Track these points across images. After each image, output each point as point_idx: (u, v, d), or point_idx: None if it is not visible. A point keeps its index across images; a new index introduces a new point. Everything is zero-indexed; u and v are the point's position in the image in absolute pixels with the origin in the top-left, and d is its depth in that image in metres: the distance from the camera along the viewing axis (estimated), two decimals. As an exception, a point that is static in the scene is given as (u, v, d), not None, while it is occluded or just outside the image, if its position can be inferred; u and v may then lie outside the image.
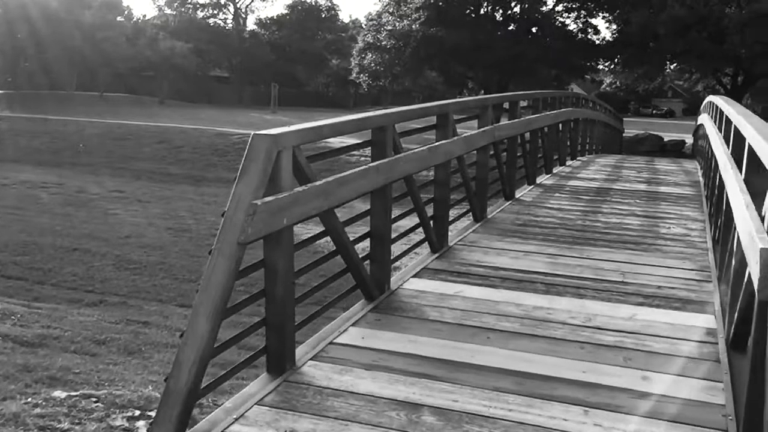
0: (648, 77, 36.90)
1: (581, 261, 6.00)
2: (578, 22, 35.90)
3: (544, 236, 6.88)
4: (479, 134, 7.11)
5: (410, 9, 32.90)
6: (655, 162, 15.74)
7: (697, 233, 7.24)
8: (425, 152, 5.51)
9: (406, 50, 32.47)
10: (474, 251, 6.26)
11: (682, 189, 10.36)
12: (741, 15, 28.31)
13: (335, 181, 3.99)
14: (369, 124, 4.72)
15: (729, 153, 5.33)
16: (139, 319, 9.59)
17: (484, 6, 35.01)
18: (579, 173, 11.94)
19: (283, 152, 3.54)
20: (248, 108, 51.61)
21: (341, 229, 4.35)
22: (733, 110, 5.47)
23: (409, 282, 5.30)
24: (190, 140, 27.89)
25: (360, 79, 36.76)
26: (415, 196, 5.66)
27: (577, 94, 15.49)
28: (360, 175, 4.33)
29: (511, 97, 8.88)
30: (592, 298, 5.06)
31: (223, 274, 3.18)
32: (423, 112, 5.78)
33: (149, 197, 20.45)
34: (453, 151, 6.20)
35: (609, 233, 7.12)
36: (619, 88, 67.53)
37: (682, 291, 5.24)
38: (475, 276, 5.48)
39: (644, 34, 31.24)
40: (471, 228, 7.14)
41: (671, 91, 74.68)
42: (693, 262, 6.09)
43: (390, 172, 4.79)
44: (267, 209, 3.32)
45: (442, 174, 6.21)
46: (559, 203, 8.77)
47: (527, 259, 6.03)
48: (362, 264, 4.70)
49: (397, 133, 5.11)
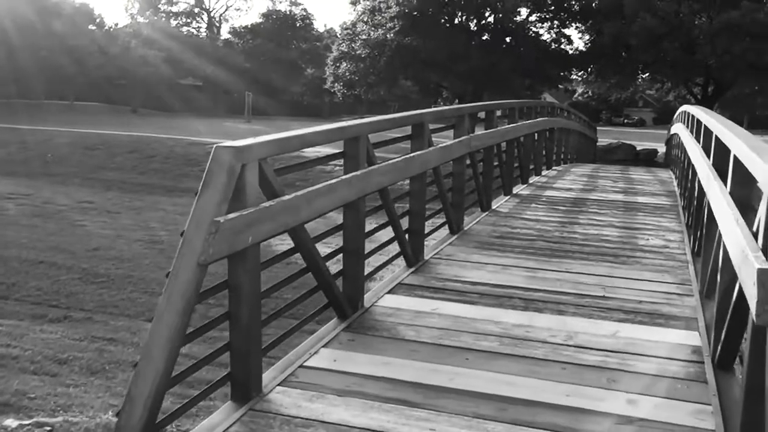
0: (620, 87, 37.18)
1: (560, 275, 5.84)
2: (552, 32, 36.06)
3: (522, 249, 6.72)
4: (456, 144, 6.94)
5: (385, 18, 32.77)
6: (630, 171, 15.72)
7: (676, 245, 7.12)
8: (400, 163, 5.32)
9: (381, 59, 32.33)
10: (451, 265, 6.07)
11: (658, 199, 10.29)
12: (711, 26, 28.60)
13: (305, 195, 3.78)
14: (341, 135, 4.52)
15: (711, 164, 5.21)
16: (104, 336, 9.25)
17: (458, 16, 35.02)
18: (555, 183, 11.84)
19: (248, 165, 3.33)
20: (222, 117, 51.17)
21: (312, 245, 4.13)
22: (714, 121, 5.35)
23: (384, 299, 5.10)
24: (163, 149, 27.48)
25: (335, 89, 36.54)
26: (389, 209, 5.46)
27: (552, 104, 15.45)
28: (331, 188, 4.12)
29: (487, 106, 8.73)
30: (573, 314, 4.89)
31: (181, 299, 2.95)
32: (398, 122, 5.59)
33: (119, 208, 20.03)
34: (429, 161, 6.02)
35: (587, 245, 6.98)
36: (591, 97, 68.30)
37: (664, 306, 5.10)
38: (452, 292, 5.29)
39: (616, 45, 31.45)
40: (448, 240, 6.95)
41: (642, 100, 75.68)
42: (673, 275, 5.96)
43: (363, 185, 4.59)
44: (230, 227, 3.10)
45: (418, 185, 6.03)
46: (537, 214, 8.63)
47: (505, 273, 5.86)
48: (334, 281, 4.48)
49: (370, 143, 4.92)
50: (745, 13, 27.12)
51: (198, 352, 6.09)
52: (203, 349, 5.42)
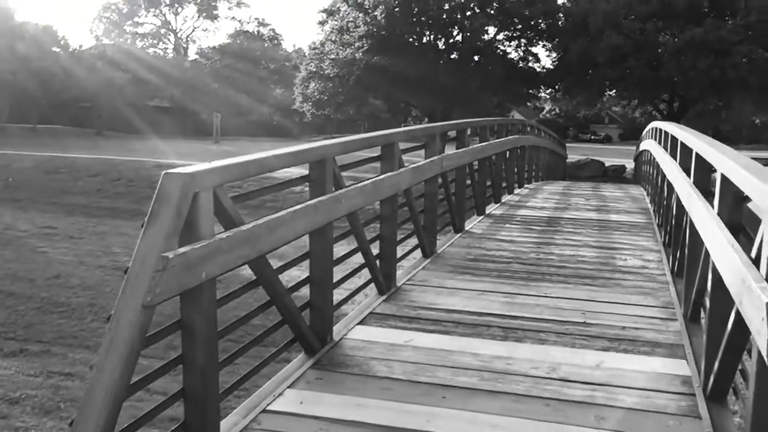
0: (588, 104, 37.49)
1: (539, 300, 5.59)
2: (519, 50, 36.33)
3: (498, 272, 6.46)
4: (427, 165, 6.69)
5: (353, 38, 32.71)
6: (602, 188, 15.64)
7: (655, 264, 6.93)
8: (369, 186, 5.05)
9: (350, 79, 32.22)
10: (425, 292, 5.79)
11: (632, 217, 10.14)
12: (675, 43, 28.98)
13: (266, 224, 3.48)
14: (305, 158, 4.23)
15: (692, 182, 5.01)
16: (62, 371, 8.79)
17: (426, 35, 35.09)
18: (528, 202, 11.66)
19: (202, 193, 3.02)
20: (191, 138, 50.48)
21: (275, 277, 3.82)
22: (694, 138, 5.17)
23: (355, 330, 4.79)
24: (128, 173, 26.88)
25: (304, 108, 36.31)
26: (359, 234, 5.18)
27: (523, 121, 15.34)
28: (296, 215, 3.82)
29: (458, 125, 8.51)
30: (554, 343, 4.63)
31: (124, 346, 2.63)
32: (367, 143, 5.31)
33: (82, 233, 19.44)
34: (400, 183, 5.76)
35: (565, 267, 6.75)
36: (558, 114, 68.97)
37: (648, 332, 4.86)
38: (426, 321, 5.01)
39: (583, 62, 31.72)
40: (420, 265, 6.68)
41: (608, 117, 76.66)
42: (654, 297, 5.74)
43: (330, 211, 4.30)
44: (181, 262, 2.79)
45: (389, 209, 5.75)
46: (511, 235, 8.40)
47: (482, 299, 5.59)
48: (300, 314, 4.17)
49: (337, 166, 4.63)
50: (708, 30, 27.52)
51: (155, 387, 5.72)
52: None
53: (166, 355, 5.98)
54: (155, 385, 3.88)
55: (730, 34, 27.34)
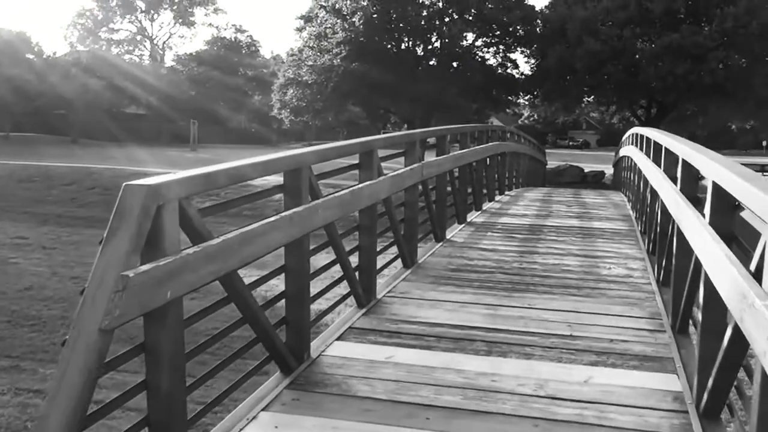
0: (566, 110, 37.61)
1: (523, 311, 5.42)
2: (498, 56, 36.36)
3: (480, 283, 6.29)
4: (407, 173, 6.51)
5: (331, 44, 32.52)
6: (582, 195, 15.57)
7: (639, 273, 6.80)
8: (347, 196, 4.85)
9: (328, 85, 32.02)
10: (406, 304, 5.60)
11: (614, 224, 10.04)
12: (653, 49, 29.13)
13: (236, 238, 3.27)
14: (280, 167, 4.03)
15: (679, 190, 4.88)
16: (30, 387, 8.47)
17: (405, 41, 35.02)
18: (509, 209, 11.52)
19: (166, 206, 2.82)
20: (167, 146, 49.99)
21: (247, 293, 3.61)
22: (681, 144, 5.04)
23: (333, 347, 4.59)
24: (103, 181, 26.42)
25: (282, 115, 36.03)
26: (337, 246, 4.98)
27: (503, 128, 15.24)
28: (270, 227, 3.61)
29: (438, 131, 8.35)
30: (541, 357, 4.46)
31: (79, 374, 2.41)
32: (344, 151, 5.13)
33: (55, 243, 19.02)
34: (379, 192, 5.57)
35: (549, 276, 6.60)
36: (536, 120, 69.30)
37: (636, 344, 4.71)
38: (408, 335, 4.82)
39: (562, 68, 31.80)
40: (401, 276, 6.49)
41: (585, 123, 77.24)
42: (641, 308, 5.60)
43: (306, 222, 4.10)
44: (143, 281, 2.58)
45: (367, 219, 5.56)
46: (493, 243, 8.24)
47: (464, 311, 5.41)
48: (275, 331, 3.96)
49: (314, 175, 4.44)
50: (685, 35, 27.70)
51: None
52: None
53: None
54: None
55: (707, 39, 27.54)
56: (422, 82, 31.95)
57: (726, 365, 3.18)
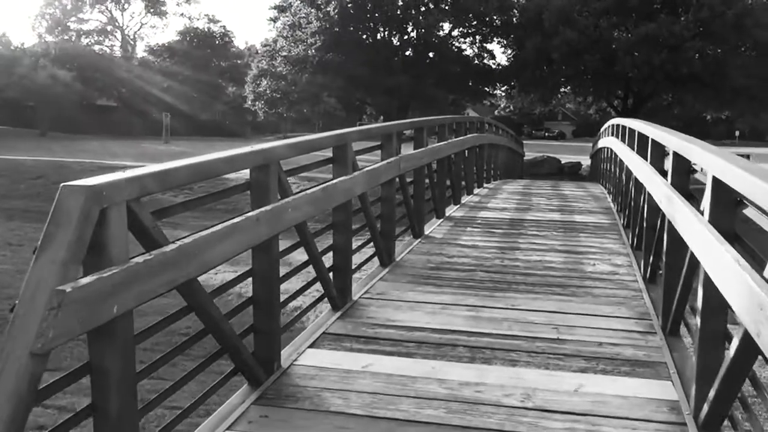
0: (543, 101, 37.48)
1: (507, 313, 5.15)
2: (474, 47, 36.11)
3: (461, 282, 6.02)
4: (384, 167, 6.20)
5: (305, 34, 32.01)
6: (561, 187, 15.37)
7: (625, 270, 6.57)
8: (320, 193, 4.54)
9: (302, 76, 31.53)
10: (383, 306, 5.30)
11: (596, 217, 9.82)
12: (629, 39, 29.06)
13: (196, 242, 2.95)
14: (245, 163, 3.70)
15: (671, 184, 4.63)
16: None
17: (380, 31, 34.61)
18: (488, 203, 11.27)
19: (112, 209, 2.49)
20: (140, 138, 49.12)
21: (209, 302, 3.29)
22: (672, 137, 4.78)
23: (306, 355, 4.28)
24: (72, 175, 25.59)
25: (256, 107, 35.47)
26: (309, 245, 4.67)
27: (481, 119, 14.98)
28: (234, 229, 3.30)
29: (416, 123, 8.04)
30: (527, 364, 4.19)
31: (8, 403, 2.09)
32: (317, 145, 4.80)
33: (21, 239, 18.43)
34: (354, 188, 5.26)
35: (531, 274, 6.34)
36: (513, 111, 69.31)
37: (626, 348, 4.47)
38: (386, 341, 4.53)
39: (538, 59, 31.64)
40: (378, 275, 6.19)
41: (561, 114, 77.51)
42: (629, 307, 5.36)
43: (275, 222, 3.78)
44: (83, 296, 2.26)
45: (342, 216, 5.25)
46: (473, 239, 7.97)
47: (445, 313, 5.14)
48: (241, 342, 3.64)
49: (283, 171, 4.12)
50: (661, 25, 27.64)
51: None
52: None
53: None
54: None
55: (683, 29, 27.50)
56: (398, 73, 31.61)
57: (731, 376, 2.94)
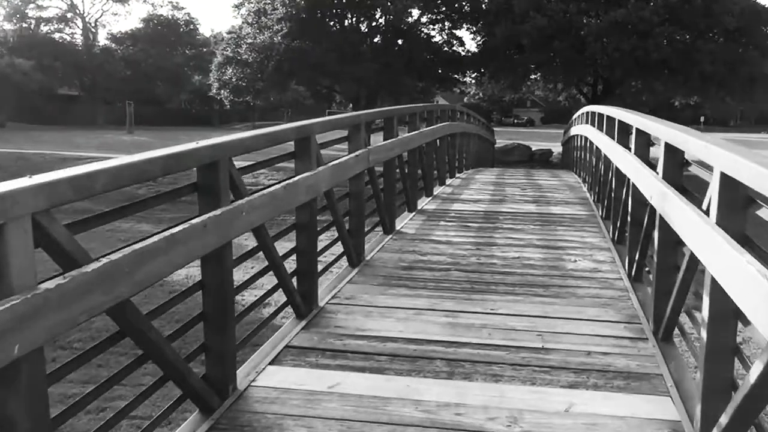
0: (513, 88, 37.22)
1: (486, 318, 4.76)
2: (443, 33, 35.65)
3: (436, 283, 5.61)
4: (352, 160, 5.75)
5: (271, 21, 31.24)
6: (534, 176, 15.05)
7: (608, 266, 6.22)
8: (279, 192, 4.08)
9: (269, 64, 30.77)
10: (353, 313, 4.87)
11: (573, 209, 9.48)
12: (599, 24, 28.85)
13: (125, 258, 2.49)
14: (189, 161, 3.23)
15: (662, 178, 4.26)
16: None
17: (348, 17, 33.97)
18: (461, 194, 10.88)
19: (10, 226, 2.01)
20: (103, 128, 47.93)
21: (146, 326, 2.83)
22: (665, 127, 4.40)
23: (266, 374, 3.83)
24: (30, 167, 24.84)
25: (221, 95, 34.65)
26: (269, 250, 4.21)
27: (452, 107, 14.57)
28: (175, 240, 2.83)
29: (386, 113, 7.59)
30: (511, 379, 3.79)
31: None
32: (275, 138, 4.32)
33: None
34: (318, 185, 4.81)
35: (511, 273, 5.95)
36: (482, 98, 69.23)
37: (618, 358, 4.09)
38: (356, 355, 4.09)
39: (508, 45, 31.32)
40: (347, 277, 5.75)
41: (530, 101, 77.74)
42: (616, 310, 5.00)
43: (226, 228, 3.33)
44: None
45: (306, 216, 4.79)
46: (447, 234, 7.57)
47: (420, 320, 4.72)
48: (187, 367, 3.19)
49: (236, 169, 3.65)
50: (631, 10, 27.46)
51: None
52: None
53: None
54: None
55: (652, 15, 27.34)
56: (366, 61, 31.04)
57: (752, 401, 2.56)
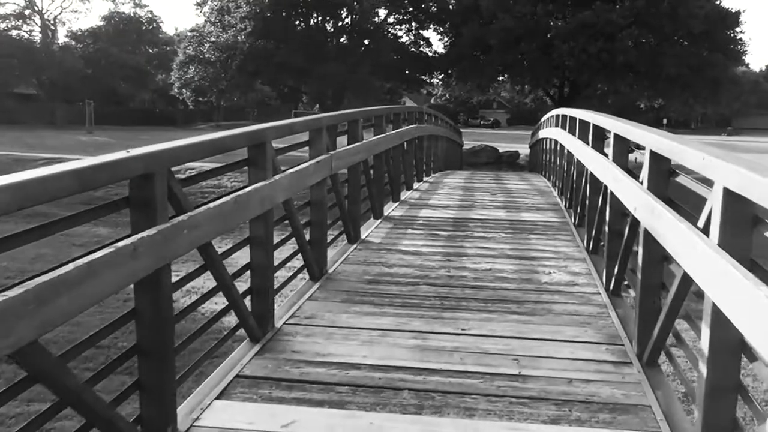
0: (480, 89, 37.08)
1: (458, 340, 4.38)
2: (410, 34, 35.37)
3: (403, 299, 5.22)
4: (313, 167, 5.34)
5: (234, 19, 30.59)
6: (504, 179, 14.76)
7: (584, 279, 5.89)
8: (229, 205, 3.65)
9: (232, 63, 30.11)
10: (312, 335, 4.46)
11: (545, 215, 9.18)
12: (566, 26, 28.79)
13: (31, 293, 2.05)
14: (120, 173, 2.78)
15: (648, 190, 3.93)
16: None
17: (313, 17, 33.46)
18: (429, 199, 10.51)
19: None
20: (62, 128, 46.67)
21: (61, 370, 2.39)
22: (652, 135, 4.07)
23: (212, 410, 3.40)
24: (-17, 168, 23.93)
25: (183, 95, 33.86)
26: (217, 269, 3.78)
27: (420, 109, 14.21)
28: (92, 268, 2.39)
29: (350, 115, 7.18)
30: (486, 413, 3.42)
31: None
32: (222, 145, 3.88)
33: None
34: (274, 196, 4.39)
35: (482, 287, 5.59)
36: (449, 100, 69.36)
37: (601, 386, 3.74)
38: (314, 386, 3.68)
39: (476, 46, 31.14)
40: (307, 292, 5.34)
41: (496, 102, 78.19)
42: (596, 329, 4.66)
43: (163, 250, 2.90)
44: None
45: (260, 229, 4.37)
46: (415, 244, 7.19)
47: (386, 342, 4.33)
48: (115, 413, 2.75)
49: (176, 181, 3.22)
50: (598, 13, 27.44)
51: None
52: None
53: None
54: None
55: (619, 17, 27.36)
56: (332, 61, 30.56)
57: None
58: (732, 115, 70.93)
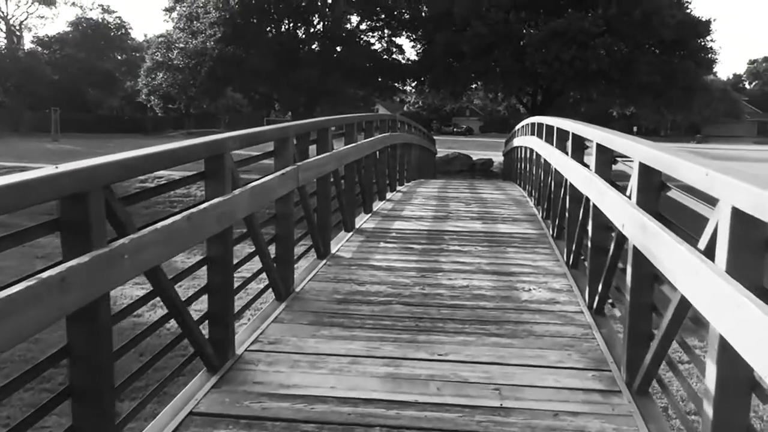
0: (454, 96, 36.95)
1: (434, 367, 4.05)
2: (383, 41, 35.13)
3: (375, 321, 4.88)
4: (277, 180, 4.99)
5: (204, 25, 30.08)
6: (478, 189, 14.49)
7: (565, 296, 5.60)
8: (181, 225, 3.29)
9: (201, 70, 29.58)
10: (276, 363, 4.10)
11: (521, 227, 8.90)
12: (539, 34, 28.77)
13: None
14: (46, 192, 2.42)
15: (637, 205, 3.65)
16: None
17: (285, 23, 33.06)
18: (403, 210, 10.19)
19: None
20: (27, 136, 45.60)
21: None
22: (641, 145, 3.80)
23: (160, 456, 3.03)
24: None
25: (151, 102, 33.21)
26: (167, 294, 3.42)
27: (393, 117, 13.92)
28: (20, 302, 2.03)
29: (319, 123, 6.84)
30: (466, 454, 3.10)
31: None
32: (176, 157, 3.52)
33: None
34: (234, 212, 4.03)
35: (459, 306, 5.28)
36: (422, 107, 69.40)
37: (590, 419, 3.44)
38: (276, 423, 3.33)
39: (449, 54, 31.00)
40: (273, 314, 4.98)
41: (469, 110, 78.46)
42: (580, 352, 4.36)
43: (98, 279, 2.53)
44: None
45: (219, 249, 4.01)
46: (388, 258, 6.86)
47: (356, 371, 3.99)
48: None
49: (117, 199, 2.85)
50: (570, 21, 27.45)
51: None
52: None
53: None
54: None
55: (591, 25, 27.40)
56: (304, 68, 30.19)
57: None
58: (701, 122, 71.79)
